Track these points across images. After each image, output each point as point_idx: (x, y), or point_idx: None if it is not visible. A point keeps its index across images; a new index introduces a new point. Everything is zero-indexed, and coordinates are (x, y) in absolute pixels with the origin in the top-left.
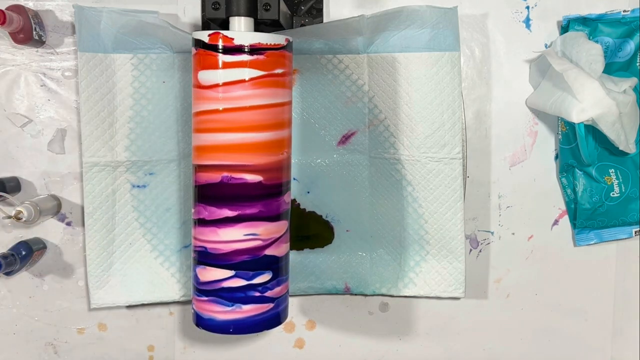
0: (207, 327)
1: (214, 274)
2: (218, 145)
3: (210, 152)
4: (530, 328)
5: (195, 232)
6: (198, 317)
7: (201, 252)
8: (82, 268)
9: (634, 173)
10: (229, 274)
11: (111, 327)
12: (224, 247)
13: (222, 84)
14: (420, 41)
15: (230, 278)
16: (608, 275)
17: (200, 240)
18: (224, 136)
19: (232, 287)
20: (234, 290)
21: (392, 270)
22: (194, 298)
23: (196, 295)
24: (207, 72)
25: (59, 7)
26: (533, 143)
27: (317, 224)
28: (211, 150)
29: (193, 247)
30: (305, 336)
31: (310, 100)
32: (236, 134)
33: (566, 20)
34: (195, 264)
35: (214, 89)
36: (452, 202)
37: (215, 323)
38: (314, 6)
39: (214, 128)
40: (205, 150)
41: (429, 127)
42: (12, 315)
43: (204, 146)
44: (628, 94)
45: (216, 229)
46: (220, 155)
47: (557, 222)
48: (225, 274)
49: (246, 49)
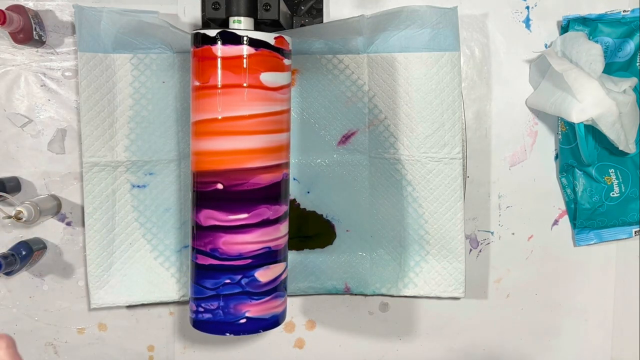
0: (204, 328)
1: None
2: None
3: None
4: (530, 328)
5: (199, 236)
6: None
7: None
8: (82, 268)
9: (634, 173)
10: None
11: (111, 327)
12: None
13: (286, 85)
14: (420, 41)
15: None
16: (608, 275)
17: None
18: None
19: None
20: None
21: (392, 270)
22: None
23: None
24: (274, 75)
25: (59, 7)
26: (533, 143)
27: (318, 224)
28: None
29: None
30: (305, 336)
31: (310, 100)
32: None
33: (566, 20)
34: (194, 267)
35: (282, 90)
36: (452, 202)
37: (213, 324)
38: (314, 6)
39: (281, 129)
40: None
41: (429, 127)
42: (12, 315)
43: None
44: (628, 94)
45: (223, 234)
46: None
47: (557, 222)
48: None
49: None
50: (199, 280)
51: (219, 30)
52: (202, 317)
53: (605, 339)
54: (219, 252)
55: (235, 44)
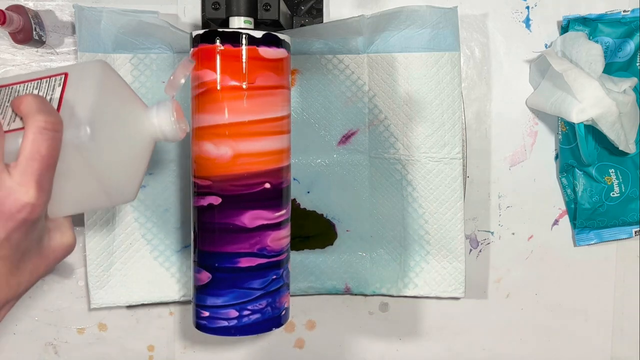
0: (251, 330)
1: None
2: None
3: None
4: (530, 328)
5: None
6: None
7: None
8: (82, 268)
9: (634, 173)
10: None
11: (111, 327)
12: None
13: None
14: (420, 41)
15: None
16: (608, 275)
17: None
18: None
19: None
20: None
21: (392, 270)
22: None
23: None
24: None
25: (59, 7)
26: (533, 143)
27: (319, 223)
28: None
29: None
30: (305, 336)
31: (310, 100)
32: None
33: (566, 20)
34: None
35: None
36: (452, 202)
37: (261, 324)
38: (314, 6)
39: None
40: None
41: (429, 127)
42: (12, 315)
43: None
44: (628, 94)
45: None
46: None
47: (557, 222)
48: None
49: None
50: (244, 284)
51: (219, 31)
52: (248, 320)
53: (605, 339)
54: (267, 250)
55: (235, 43)
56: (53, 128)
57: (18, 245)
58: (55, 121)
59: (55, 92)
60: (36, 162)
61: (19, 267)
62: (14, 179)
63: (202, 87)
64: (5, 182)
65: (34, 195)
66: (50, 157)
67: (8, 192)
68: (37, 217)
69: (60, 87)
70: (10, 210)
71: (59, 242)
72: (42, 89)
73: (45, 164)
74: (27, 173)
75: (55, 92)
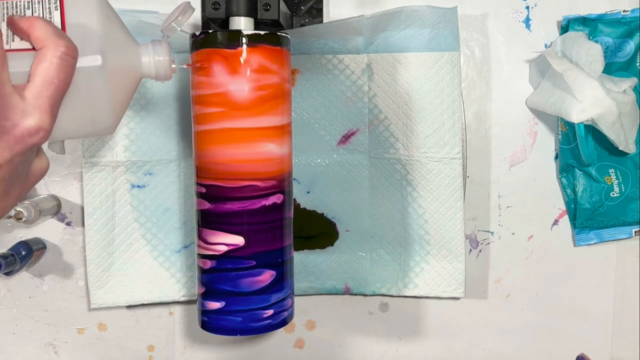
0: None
1: None
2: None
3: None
4: (530, 328)
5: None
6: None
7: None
8: (82, 268)
9: (634, 173)
10: None
11: (111, 327)
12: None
13: None
14: (420, 41)
15: None
16: (608, 275)
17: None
18: None
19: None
20: None
21: (392, 270)
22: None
23: None
24: None
25: None
26: (533, 143)
27: (320, 223)
28: None
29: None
30: (305, 336)
31: (310, 100)
32: None
33: (566, 20)
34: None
35: None
36: (452, 202)
37: (222, 326)
38: (314, 6)
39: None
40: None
41: (429, 127)
42: (12, 315)
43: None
44: (628, 94)
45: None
46: None
47: (557, 222)
48: None
49: None
50: (292, 276)
51: (219, 31)
52: (292, 312)
53: (605, 339)
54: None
55: (235, 43)
56: (72, 55)
57: (16, 168)
58: (75, 48)
59: (55, 16)
60: (53, 87)
61: (8, 192)
62: (27, 102)
63: (206, 88)
64: (19, 105)
65: (48, 120)
66: (65, 84)
67: (21, 115)
68: (43, 142)
69: (58, 11)
70: (22, 134)
71: (39, 166)
72: (37, 9)
73: (60, 90)
74: (41, 97)
75: (54, 16)
